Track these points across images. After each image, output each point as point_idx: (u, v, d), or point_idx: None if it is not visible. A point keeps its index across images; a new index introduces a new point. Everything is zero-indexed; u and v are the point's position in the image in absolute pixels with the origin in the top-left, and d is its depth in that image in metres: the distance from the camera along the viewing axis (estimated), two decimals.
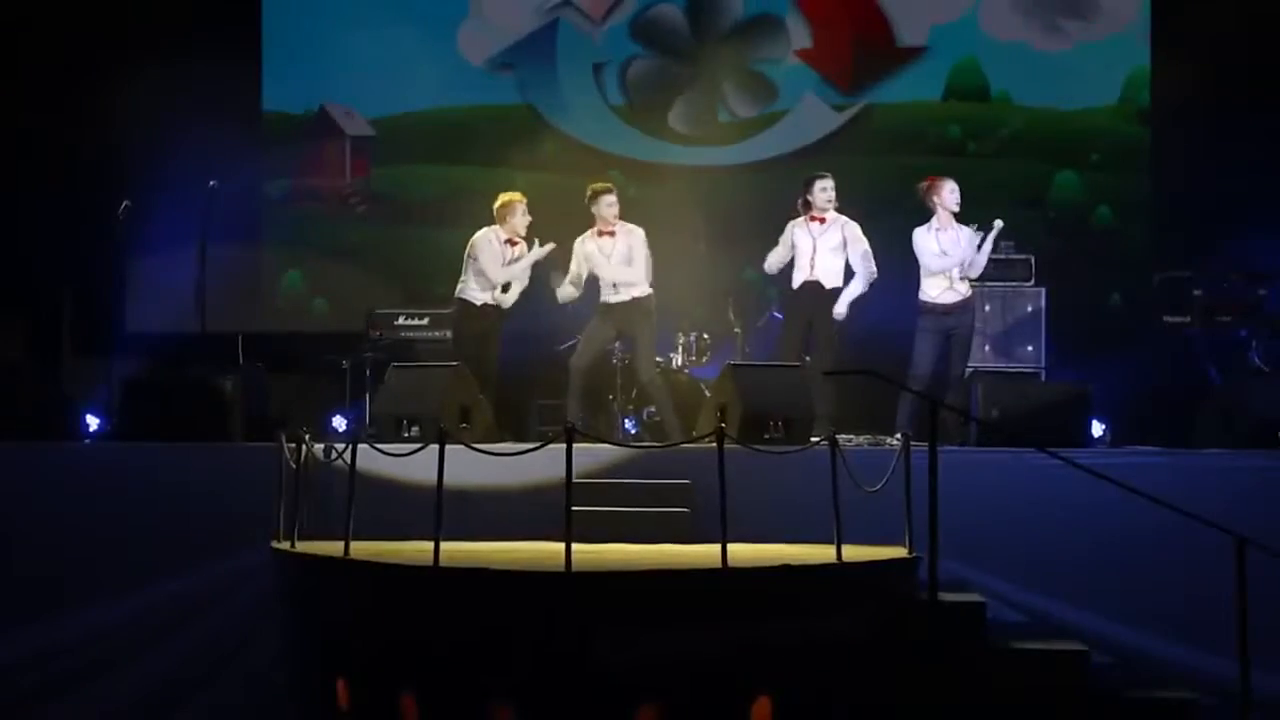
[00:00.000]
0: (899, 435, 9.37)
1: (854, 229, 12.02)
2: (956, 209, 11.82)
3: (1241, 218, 13.77)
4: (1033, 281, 13.42)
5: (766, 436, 10.22)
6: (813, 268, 12.02)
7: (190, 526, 10.08)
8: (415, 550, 8.51)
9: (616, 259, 11.94)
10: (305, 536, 9.13)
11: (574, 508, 8.04)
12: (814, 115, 15.57)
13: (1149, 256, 14.58)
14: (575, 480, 8.14)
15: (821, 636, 7.92)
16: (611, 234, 11.97)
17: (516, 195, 12.16)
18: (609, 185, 12.15)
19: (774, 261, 12.20)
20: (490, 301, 12.12)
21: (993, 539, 9.61)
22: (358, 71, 15.63)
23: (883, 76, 15.55)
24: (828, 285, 12.02)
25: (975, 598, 8.85)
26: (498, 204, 12.13)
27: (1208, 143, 14.33)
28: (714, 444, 8.11)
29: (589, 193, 12.03)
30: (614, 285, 11.99)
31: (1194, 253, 13.90)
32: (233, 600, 9.93)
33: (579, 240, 12.10)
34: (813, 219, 12.06)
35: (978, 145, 15.31)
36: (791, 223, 12.17)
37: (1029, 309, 13.37)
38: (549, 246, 11.96)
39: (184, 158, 13.79)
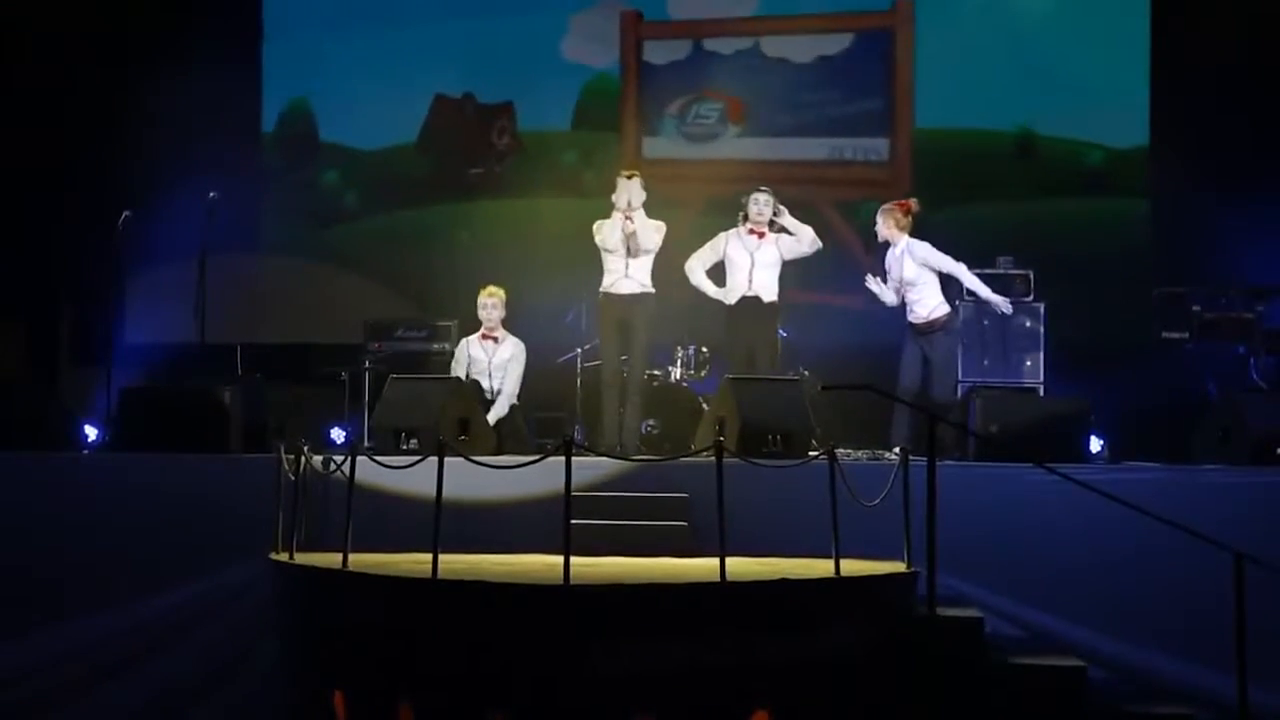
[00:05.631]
0: (898, 450, 9.35)
1: (787, 241, 11.89)
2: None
3: (1240, 234, 13.70)
4: (1031, 297, 13.30)
5: (765, 450, 10.21)
6: (750, 283, 11.86)
7: (189, 537, 10.02)
8: (414, 562, 8.51)
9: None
10: (304, 548, 9.14)
11: (573, 521, 8.04)
12: None
13: (1147, 272, 14.46)
14: (574, 493, 8.14)
15: (819, 651, 7.91)
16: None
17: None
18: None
19: (699, 264, 11.99)
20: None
21: (991, 554, 9.58)
22: (351, 101, 15.73)
23: None
24: (766, 299, 11.88)
25: (973, 613, 8.83)
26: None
27: (1206, 158, 14.28)
28: (712, 457, 8.10)
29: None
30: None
31: (1192, 268, 13.86)
32: (231, 611, 9.89)
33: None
34: (751, 232, 11.90)
35: None
36: (724, 233, 12.02)
37: (1028, 324, 13.26)
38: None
39: (184, 168, 13.80)
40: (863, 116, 15.50)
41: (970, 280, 11.98)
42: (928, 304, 11.70)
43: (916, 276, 11.69)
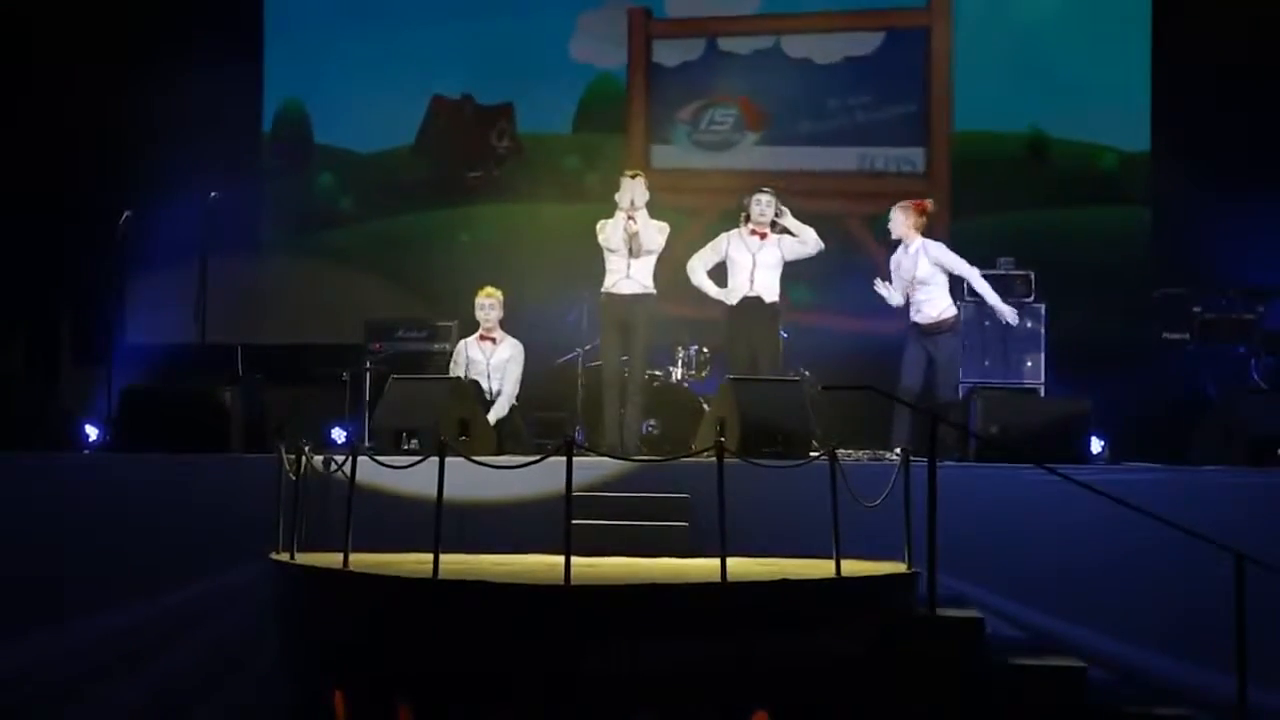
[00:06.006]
0: (898, 450, 9.33)
1: (789, 242, 11.84)
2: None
3: (1240, 235, 13.65)
4: (1032, 297, 13.10)
5: (766, 450, 10.19)
6: (752, 283, 11.79)
7: (189, 537, 9.98)
8: (415, 562, 8.48)
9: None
10: (304, 548, 9.11)
11: (573, 521, 8.04)
12: None
13: (1146, 272, 14.42)
14: (575, 493, 8.15)
15: (819, 650, 7.90)
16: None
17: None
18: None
19: (700, 265, 11.95)
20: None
21: (991, 555, 9.53)
22: (349, 103, 15.57)
23: None
24: (768, 300, 11.81)
25: (973, 613, 8.79)
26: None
27: (1207, 159, 14.16)
28: (713, 457, 8.09)
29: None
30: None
31: (1192, 269, 13.81)
32: (232, 611, 9.82)
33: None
34: (753, 233, 11.84)
35: None
36: (726, 234, 11.97)
37: (1029, 325, 13.01)
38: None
39: (185, 168, 13.70)
40: (896, 123, 14.99)
41: (981, 285, 11.96)
42: (938, 305, 11.72)
43: (929, 276, 11.71)
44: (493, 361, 12.04)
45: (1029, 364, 13.18)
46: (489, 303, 12.08)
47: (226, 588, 9.86)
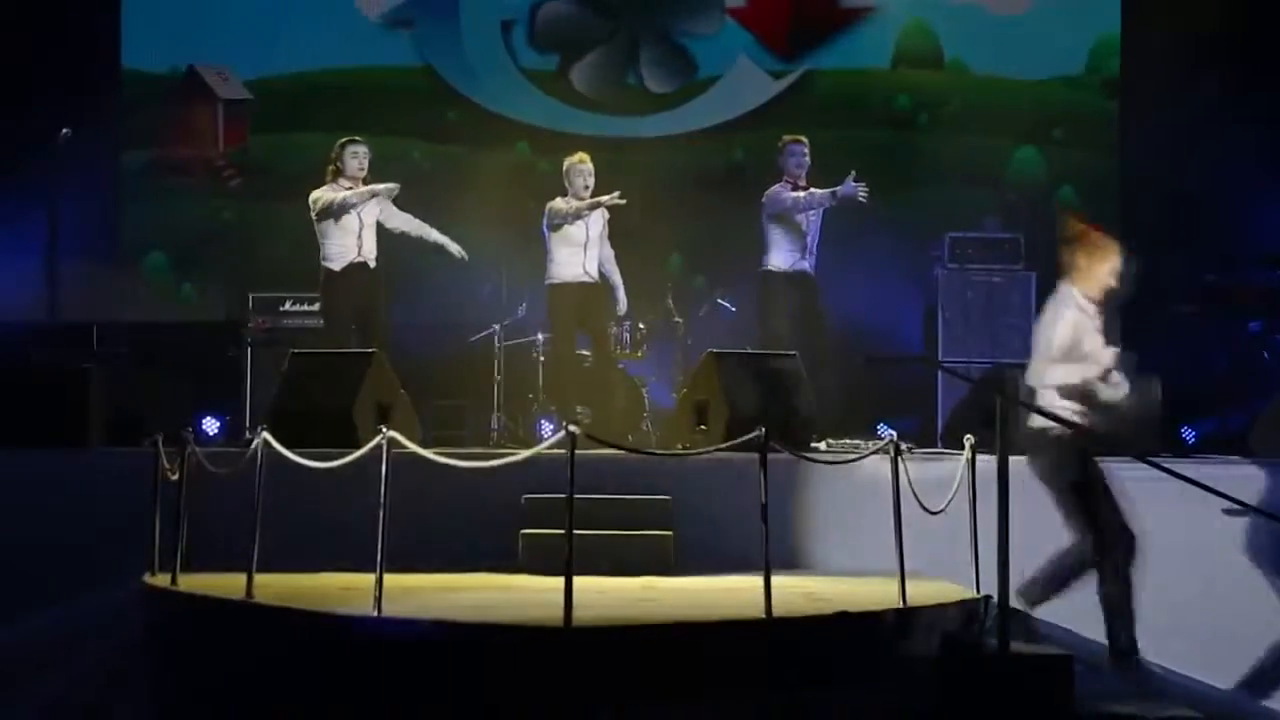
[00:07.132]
0: (967, 440, 7.55)
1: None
2: None
3: (1216, 200, 13.01)
4: (1022, 265, 12.38)
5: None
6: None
7: (36, 554, 8.58)
8: (344, 589, 6.87)
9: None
10: (188, 568, 7.47)
11: (525, 531, 7.75)
12: (748, 81, 14.61)
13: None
14: (526, 496, 7.98)
15: (881, 706, 6.25)
16: None
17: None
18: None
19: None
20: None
21: None
22: (233, 25, 14.61)
23: (824, 39, 14.67)
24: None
25: (1056, 650, 7.07)
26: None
27: (1181, 117, 13.42)
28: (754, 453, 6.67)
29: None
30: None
31: (1164, 238, 12.59)
32: (89, 654, 8.03)
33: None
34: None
35: (929, 117, 14.52)
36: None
37: (1017, 297, 12.26)
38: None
39: (31, 113, 12.78)
40: None
41: None
42: None
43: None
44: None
45: (1017, 340, 12.15)
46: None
47: (82, 621, 8.17)
